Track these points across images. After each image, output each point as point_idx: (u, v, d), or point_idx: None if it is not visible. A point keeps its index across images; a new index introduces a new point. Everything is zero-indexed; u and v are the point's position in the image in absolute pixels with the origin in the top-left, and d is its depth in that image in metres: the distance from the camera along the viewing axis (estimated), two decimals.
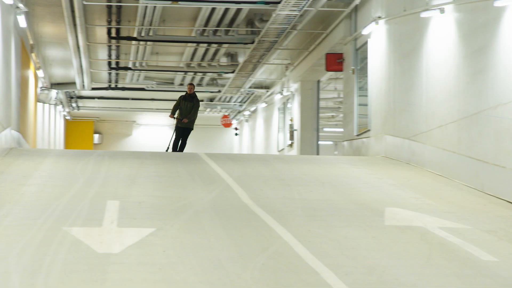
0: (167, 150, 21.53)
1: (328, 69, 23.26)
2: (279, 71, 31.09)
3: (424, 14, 15.51)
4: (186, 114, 21.20)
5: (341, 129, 24.07)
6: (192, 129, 21.58)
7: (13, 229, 9.07)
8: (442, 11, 14.78)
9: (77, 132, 44.36)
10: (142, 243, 8.56)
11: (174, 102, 21.77)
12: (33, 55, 24.67)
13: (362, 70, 20.85)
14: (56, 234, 8.78)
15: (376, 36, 19.15)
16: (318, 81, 28.35)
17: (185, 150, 22.03)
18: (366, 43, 20.09)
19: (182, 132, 21.50)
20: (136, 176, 13.52)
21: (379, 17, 18.63)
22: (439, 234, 9.67)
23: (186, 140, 21.62)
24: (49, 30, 25.20)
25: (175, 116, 21.25)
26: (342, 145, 22.94)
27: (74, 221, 9.58)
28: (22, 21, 19.06)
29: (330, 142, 45.85)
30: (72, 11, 21.24)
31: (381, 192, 12.72)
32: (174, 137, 21.59)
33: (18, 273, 6.97)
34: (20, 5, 17.94)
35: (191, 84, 21.93)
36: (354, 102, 21.12)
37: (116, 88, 34.98)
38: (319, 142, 28.62)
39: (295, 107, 28.99)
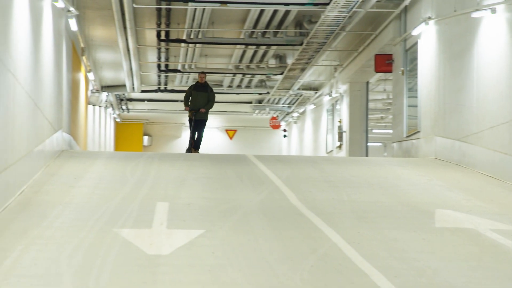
0: (187, 150, 20.90)
1: (377, 70, 23.14)
2: (328, 72, 31.01)
3: (475, 14, 15.34)
4: (199, 105, 20.48)
5: (390, 131, 23.92)
6: (207, 120, 20.88)
7: (64, 230, 9.16)
8: (493, 11, 14.62)
9: (127, 134, 44.71)
10: (191, 245, 8.60)
11: (192, 95, 20.73)
12: (84, 58, 24.92)
13: (411, 71, 20.70)
14: (106, 236, 8.85)
15: (426, 36, 19.00)
16: (367, 83, 28.22)
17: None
18: (416, 44, 19.94)
19: (197, 125, 20.71)
20: (185, 178, 13.57)
21: (429, 18, 18.48)
22: (490, 236, 9.56)
23: (202, 133, 20.85)
24: (99, 33, 25.45)
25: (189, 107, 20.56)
26: (391, 147, 22.79)
27: (124, 223, 9.65)
28: (73, 25, 19.26)
29: (379, 144, 45.61)
30: (123, 14, 21.42)
31: (431, 194, 12.61)
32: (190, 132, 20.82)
33: (69, 274, 7.04)
34: (71, 8, 18.13)
35: (202, 73, 21.11)
36: (404, 103, 20.97)
37: (165, 91, 35.19)
38: (368, 144, 28.49)
39: (343, 109, 28.89)
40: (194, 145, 20.70)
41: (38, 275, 7.05)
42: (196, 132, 20.84)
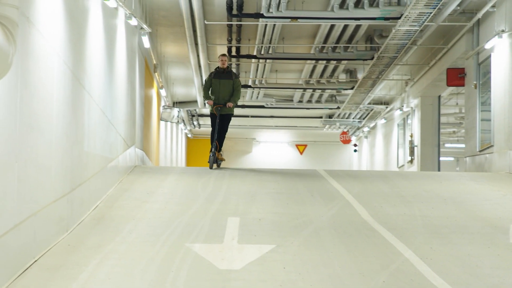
0: (211, 157, 16.79)
1: (449, 84, 22.91)
2: (399, 86, 30.81)
3: None
4: (224, 96, 16.76)
5: (463, 145, 23.63)
6: (233, 114, 17.15)
7: (138, 245, 9.28)
8: None
9: (198, 150, 45.04)
10: (262, 260, 8.62)
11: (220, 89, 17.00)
12: (156, 74, 25.23)
13: (484, 84, 20.44)
14: (178, 251, 8.93)
15: (500, 50, 18.75)
16: (439, 96, 27.96)
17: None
18: (489, 57, 19.69)
19: (221, 120, 16.89)
20: (256, 193, 13.62)
21: (503, 31, 18.24)
22: None
23: (226, 130, 17.07)
24: (171, 49, 25.74)
25: (211, 100, 16.84)
26: (464, 161, 22.51)
27: (196, 238, 9.72)
28: (146, 42, 19.55)
29: (452, 158, 45.08)
30: (194, 31, 21.65)
31: (505, 209, 12.42)
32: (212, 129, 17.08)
33: None
34: (144, 26, 18.40)
35: (224, 55, 17.00)
36: (477, 117, 20.72)
37: (236, 106, 35.31)
38: (440, 158, 28.19)
39: (415, 123, 28.65)
40: (218, 146, 16.84)
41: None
42: (220, 129, 16.97)
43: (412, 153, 28.74)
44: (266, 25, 21.81)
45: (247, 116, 38.61)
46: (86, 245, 9.23)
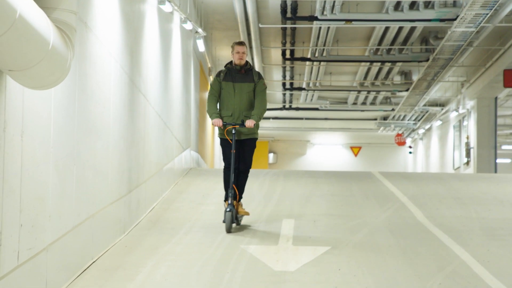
0: (227, 210, 10.20)
1: (507, 85, 22.68)
2: (455, 88, 30.55)
3: None
4: (240, 109, 10.49)
5: None
6: (256, 139, 10.69)
7: (193, 246, 9.36)
8: None
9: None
10: (317, 261, 8.63)
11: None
12: (210, 77, 25.39)
13: None
14: (234, 252, 8.99)
15: None
16: (496, 98, 27.66)
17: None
18: None
19: (240, 150, 10.58)
20: (310, 195, 13.63)
21: None
22: None
23: (249, 165, 10.64)
24: (226, 53, 25.88)
25: (218, 118, 10.43)
26: None
27: (251, 240, 9.77)
28: (200, 45, 19.69)
29: (508, 160, 44.53)
30: (249, 34, 21.75)
31: None
32: (227, 159, 10.54)
33: None
34: (199, 30, 18.53)
35: (241, 44, 10.59)
36: None
37: (290, 108, 35.41)
38: (497, 160, 27.88)
39: (471, 125, 28.37)
40: (238, 193, 10.49)
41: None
42: (238, 165, 10.54)
43: (468, 155, 28.47)
44: (320, 27, 21.83)
45: (301, 119, 38.60)
46: (143, 246, 9.34)
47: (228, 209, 10.18)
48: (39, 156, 6.19)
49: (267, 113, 36.95)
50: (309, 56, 24.93)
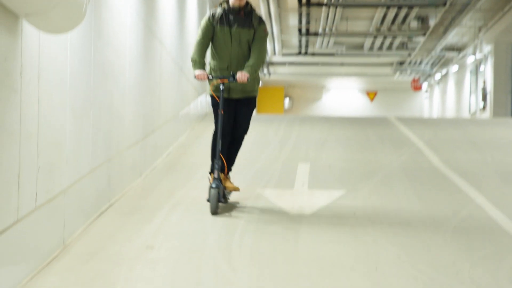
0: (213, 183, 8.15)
1: None
2: (472, 33, 30.31)
3: None
4: (236, 60, 8.41)
5: None
6: (255, 97, 8.59)
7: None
8: None
9: (269, 98, 45.08)
10: (332, 206, 8.69)
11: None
12: None
13: None
14: (250, 196, 9.05)
15: None
16: None
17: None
18: None
19: (235, 112, 8.57)
20: (326, 139, 13.66)
21: None
22: None
23: (244, 131, 8.67)
24: None
25: (208, 72, 8.53)
26: None
27: (267, 183, 9.83)
28: None
29: None
30: None
31: None
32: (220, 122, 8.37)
33: (214, 233, 7.26)
34: None
35: None
36: None
37: (306, 54, 35.26)
38: None
39: (488, 69, 28.21)
40: (227, 164, 8.58)
41: (185, 233, 7.31)
42: (231, 130, 8.60)
43: (484, 99, 28.37)
44: None
45: (317, 64, 38.43)
46: (159, 190, 9.42)
47: (213, 185, 8.00)
48: (55, 100, 6.23)
49: (283, 59, 36.81)
50: (325, 1, 24.74)
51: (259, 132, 14.54)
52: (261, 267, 6.17)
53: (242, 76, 8.17)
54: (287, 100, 45.64)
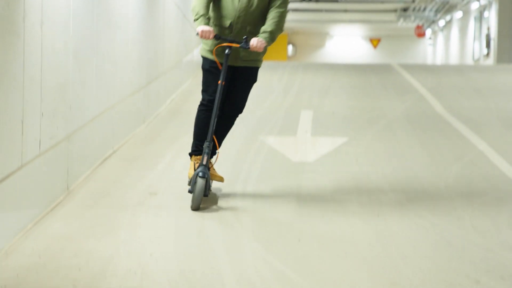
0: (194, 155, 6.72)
1: None
2: None
3: None
4: (245, 22, 6.52)
5: None
6: (259, 67, 6.85)
7: None
8: None
9: (272, 45, 44.77)
10: (335, 152, 8.72)
11: None
12: None
13: None
14: (253, 143, 9.08)
15: None
16: None
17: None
18: None
19: (233, 80, 6.70)
20: (329, 87, 13.64)
21: None
22: None
23: (244, 101, 6.81)
24: None
25: (207, 25, 6.42)
26: None
27: (270, 131, 9.85)
28: None
29: None
30: None
31: None
32: (217, 92, 6.48)
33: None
34: None
35: None
36: None
37: (309, 0, 35.03)
38: None
39: (492, 16, 28.04)
40: (217, 140, 6.67)
41: (188, 180, 7.35)
42: (223, 105, 6.70)
43: (488, 46, 28.25)
44: None
45: (321, 11, 38.20)
46: (162, 137, 9.45)
47: (200, 174, 6.18)
48: (58, 46, 6.22)
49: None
50: None
51: (262, 79, 14.50)
52: (264, 213, 6.21)
53: (258, 43, 6.37)
54: (290, 47, 45.46)
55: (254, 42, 6.38)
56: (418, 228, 5.84)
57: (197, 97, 12.28)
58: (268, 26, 6.46)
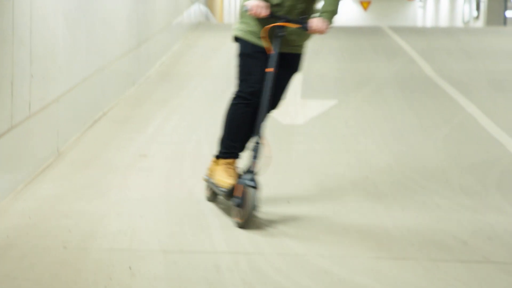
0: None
1: None
2: None
3: None
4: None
5: None
6: (303, 54, 5.53)
7: (203, 100, 9.46)
8: None
9: None
10: (325, 115, 8.74)
11: None
12: None
13: None
14: None
15: None
16: None
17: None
18: None
19: (279, 71, 5.28)
20: (319, 49, 13.63)
21: None
22: None
23: (285, 92, 5.54)
24: None
25: (268, 5, 5.22)
26: None
27: None
28: None
29: None
30: None
31: None
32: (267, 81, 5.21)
33: (208, 142, 7.31)
34: None
35: None
36: None
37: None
38: (507, 13, 27.62)
39: None
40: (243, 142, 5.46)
41: (178, 141, 7.37)
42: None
43: (478, 8, 28.20)
44: None
45: None
46: (152, 99, 9.45)
47: (252, 183, 4.97)
48: (48, 7, 6.20)
49: None
50: None
51: None
52: None
53: (321, 24, 5.20)
54: None
55: (316, 22, 5.21)
56: (406, 190, 5.89)
57: (187, 60, 12.29)
58: (328, 5, 5.27)
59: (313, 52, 13.31)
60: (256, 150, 5.12)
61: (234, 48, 5.39)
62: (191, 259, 4.34)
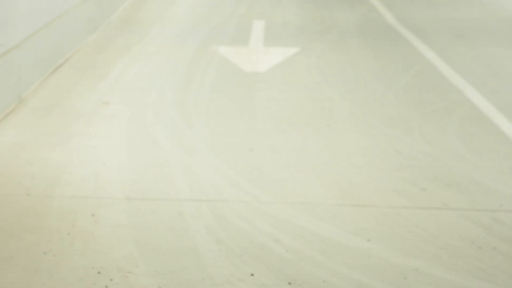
0: None
1: None
2: None
3: None
4: None
5: None
6: None
7: (165, 47, 9.42)
8: None
9: None
10: (287, 62, 8.75)
11: None
12: None
13: None
14: (205, 53, 9.06)
15: None
16: None
17: None
18: None
19: None
20: None
21: None
22: None
23: None
24: None
25: None
26: None
27: (222, 40, 9.83)
28: None
29: None
30: None
31: None
32: None
33: (171, 89, 7.31)
34: None
35: None
36: None
37: None
38: None
39: None
40: None
41: (141, 89, 7.35)
42: None
43: None
44: None
45: None
46: (114, 46, 9.39)
47: None
48: None
49: None
50: None
51: None
52: (217, 123, 6.27)
53: None
54: None
55: None
56: (368, 137, 5.95)
57: (149, 6, 12.19)
58: None
59: None
60: None
61: None
62: (154, 206, 4.38)
